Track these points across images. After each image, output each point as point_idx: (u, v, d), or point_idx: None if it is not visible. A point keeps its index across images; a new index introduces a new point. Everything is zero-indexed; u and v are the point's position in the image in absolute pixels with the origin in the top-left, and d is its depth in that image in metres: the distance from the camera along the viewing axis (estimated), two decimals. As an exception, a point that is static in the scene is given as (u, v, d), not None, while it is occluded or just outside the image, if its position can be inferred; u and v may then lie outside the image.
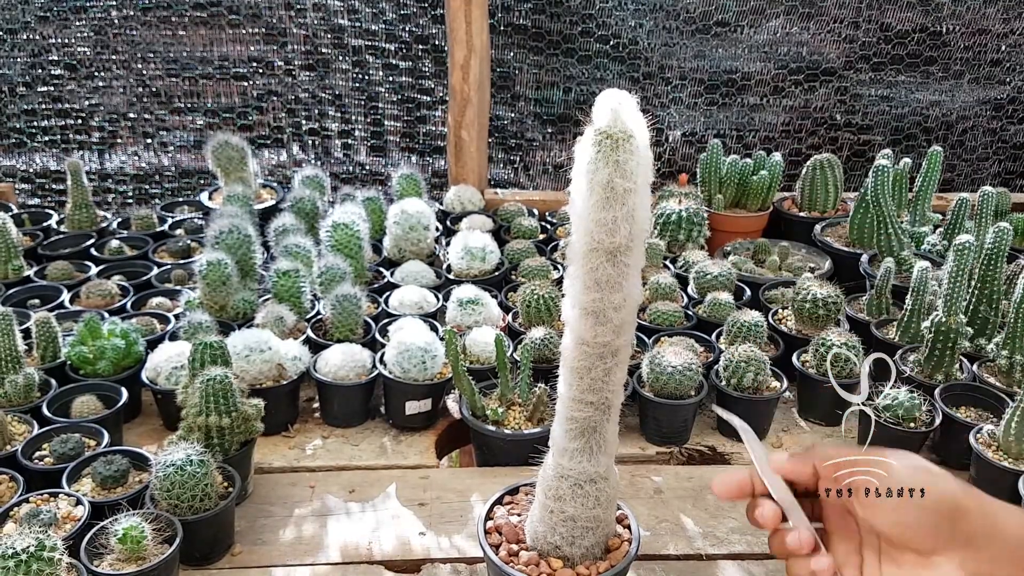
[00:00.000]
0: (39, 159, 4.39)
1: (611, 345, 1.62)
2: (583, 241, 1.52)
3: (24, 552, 1.74)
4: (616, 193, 1.45)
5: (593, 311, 1.57)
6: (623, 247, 1.50)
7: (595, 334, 1.59)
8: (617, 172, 1.44)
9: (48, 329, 2.67)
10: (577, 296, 1.59)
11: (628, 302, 1.58)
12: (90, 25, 4.22)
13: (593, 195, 1.46)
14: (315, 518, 2.29)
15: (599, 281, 1.53)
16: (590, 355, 1.63)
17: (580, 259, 1.55)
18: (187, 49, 4.33)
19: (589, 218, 1.48)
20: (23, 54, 4.23)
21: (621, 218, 1.46)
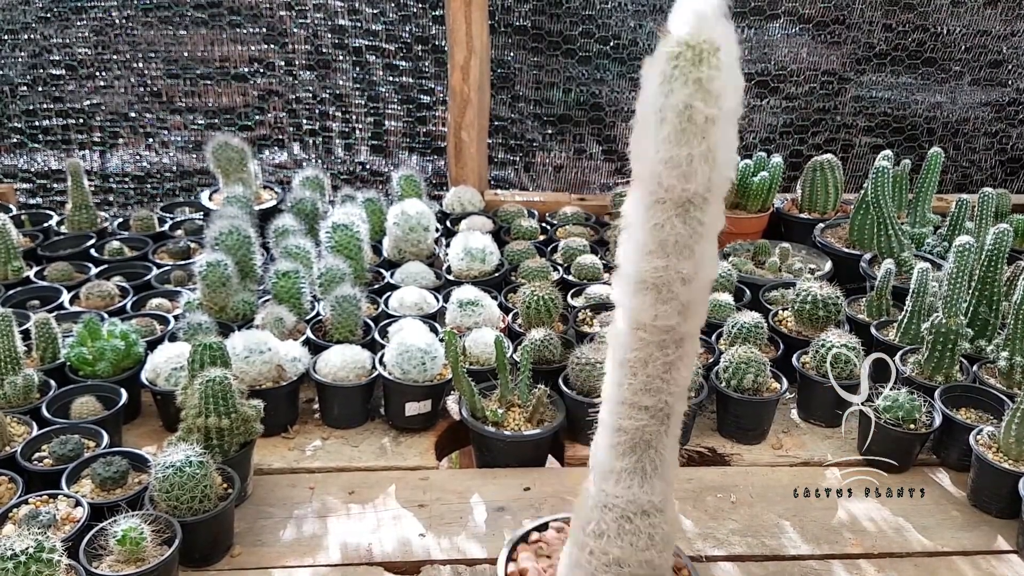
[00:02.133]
0: (40, 159, 4.39)
1: (675, 331, 1.27)
2: (647, 189, 1.18)
3: (23, 553, 1.74)
4: (695, 123, 1.12)
5: (655, 283, 1.22)
6: (699, 198, 1.17)
7: (655, 314, 1.24)
8: (699, 94, 1.11)
9: (48, 330, 2.67)
10: (634, 264, 1.23)
11: (701, 275, 1.24)
12: (91, 25, 4.22)
13: (665, 125, 1.13)
14: (315, 519, 2.29)
15: (665, 243, 1.19)
16: (648, 343, 1.27)
17: (641, 214, 1.20)
18: (188, 49, 4.33)
19: (657, 157, 1.14)
20: (24, 54, 4.23)
21: (699, 157, 1.13)
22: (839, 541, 2.25)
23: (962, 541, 2.27)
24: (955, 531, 2.30)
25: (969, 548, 2.25)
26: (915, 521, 2.32)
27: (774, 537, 2.25)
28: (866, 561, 2.20)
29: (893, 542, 2.25)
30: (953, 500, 2.41)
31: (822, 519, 2.32)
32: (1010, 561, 2.21)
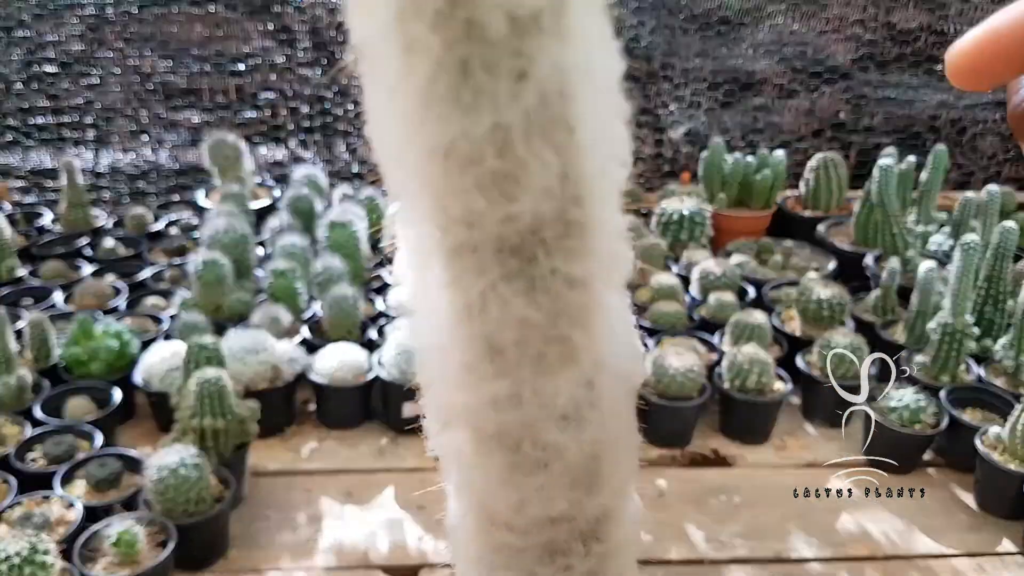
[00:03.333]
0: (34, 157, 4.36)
1: (569, 521, 0.47)
2: (424, 223, 0.39)
3: (17, 556, 1.72)
4: (486, 41, 0.31)
5: (495, 435, 0.43)
6: (553, 225, 0.37)
7: (519, 500, 0.45)
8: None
9: (41, 330, 2.64)
10: (441, 396, 0.48)
11: (601, 383, 0.43)
12: (85, 21, 4.19)
13: (415, 68, 0.33)
14: (311, 521, 2.27)
15: (496, 347, 0.39)
16: (516, 554, 0.49)
17: (424, 279, 0.43)
18: (184, 44, 4.30)
19: (417, 145, 0.35)
20: (18, 51, 4.20)
21: (519, 129, 0.33)
22: (844, 544, 2.23)
23: (968, 543, 2.25)
24: (961, 533, 2.28)
25: (975, 550, 2.23)
26: (920, 523, 2.30)
27: (778, 540, 2.23)
28: (871, 564, 2.18)
29: (898, 545, 2.23)
30: (959, 502, 2.39)
31: (827, 521, 2.30)
32: (1017, 562, 2.19)
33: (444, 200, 0.35)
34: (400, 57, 0.33)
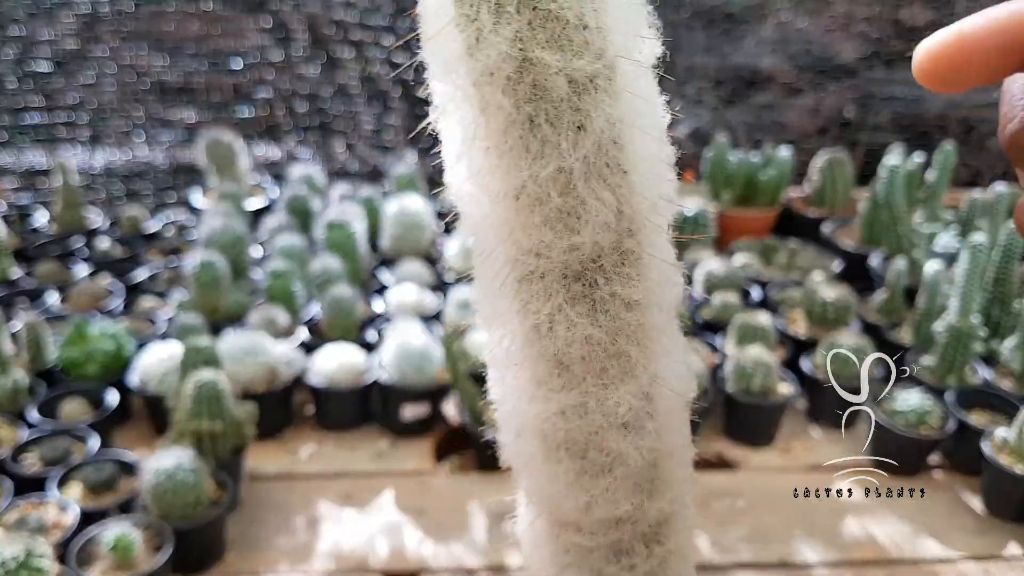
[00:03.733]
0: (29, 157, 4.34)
1: (633, 523, 0.55)
2: (495, 252, 0.47)
3: (13, 560, 1.71)
4: (549, 98, 0.40)
5: (563, 442, 0.50)
6: (609, 254, 0.44)
7: (587, 501, 0.52)
8: (542, 28, 0.39)
9: (36, 332, 2.62)
10: (516, 402, 0.51)
11: (658, 395, 0.50)
12: (80, 19, 4.17)
13: (486, 117, 0.41)
14: (309, 525, 2.25)
15: (562, 361, 0.46)
16: (585, 554, 0.56)
17: (497, 302, 0.49)
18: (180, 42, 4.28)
19: (489, 187, 0.44)
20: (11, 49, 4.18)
21: (579, 172, 0.41)
22: (849, 548, 2.21)
23: (974, 546, 2.23)
24: (967, 536, 2.26)
25: (981, 553, 2.21)
26: (926, 526, 2.28)
27: (783, 544, 2.21)
28: (876, 568, 2.16)
29: (904, 548, 2.21)
30: (965, 505, 2.37)
31: (832, 525, 2.28)
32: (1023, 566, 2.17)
33: (516, 235, 0.43)
34: (477, 115, 0.41)
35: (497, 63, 0.39)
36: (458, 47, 0.40)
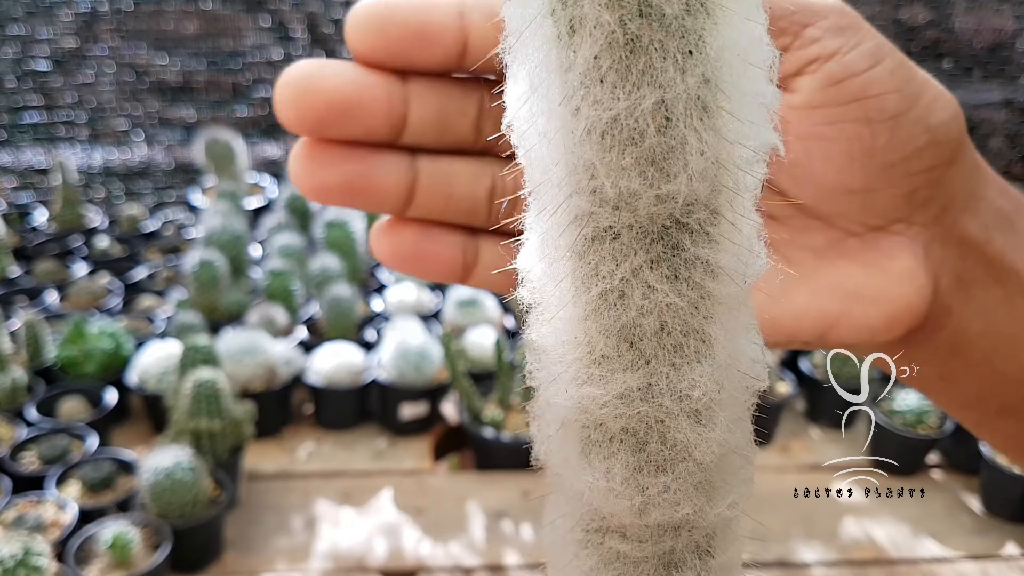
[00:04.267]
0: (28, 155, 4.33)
1: (691, 528, 0.45)
2: (564, 206, 0.37)
3: (12, 558, 1.71)
4: (659, 18, 0.33)
5: (622, 432, 0.40)
6: (698, 209, 0.36)
7: (643, 502, 0.42)
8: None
9: (35, 330, 2.62)
10: (567, 390, 0.40)
11: (730, 381, 0.41)
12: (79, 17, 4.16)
13: (578, 40, 0.33)
14: (308, 525, 2.25)
15: (632, 334, 0.37)
16: (631, 568, 0.45)
17: (561, 267, 0.39)
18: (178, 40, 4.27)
19: (572, 125, 0.34)
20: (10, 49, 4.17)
21: (683, 110, 0.34)
22: (848, 547, 2.21)
23: (973, 546, 2.23)
24: (966, 536, 2.26)
25: (980, 553, 2.21)
26: (925, 526, 2.28)
27: (782, 544, 2.21)
28: (875, 568, 2.16)
29: (903, 548, 2.21)
30: (963, 505, 2.37)
31: (831, 525, 2.28)
32: (1022, 566, 2.17)
33: (598, 181, 0.35)
34: (565, 35, 0.34)
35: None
36: None
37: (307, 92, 0.43)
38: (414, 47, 0.44)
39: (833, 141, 0.50)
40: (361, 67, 0.45)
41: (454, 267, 0.51)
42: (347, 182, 0.46)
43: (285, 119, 0.44)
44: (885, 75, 0.49)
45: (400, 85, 0.45)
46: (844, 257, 0.54)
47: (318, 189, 0.46)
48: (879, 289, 0.53)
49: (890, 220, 0.53)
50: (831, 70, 0.49)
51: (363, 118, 0.45)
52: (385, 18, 0.43)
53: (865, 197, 0.52)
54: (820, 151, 0.51)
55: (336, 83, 0.44)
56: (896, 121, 0.50)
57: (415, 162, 0.48)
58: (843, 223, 0.54)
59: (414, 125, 0.46)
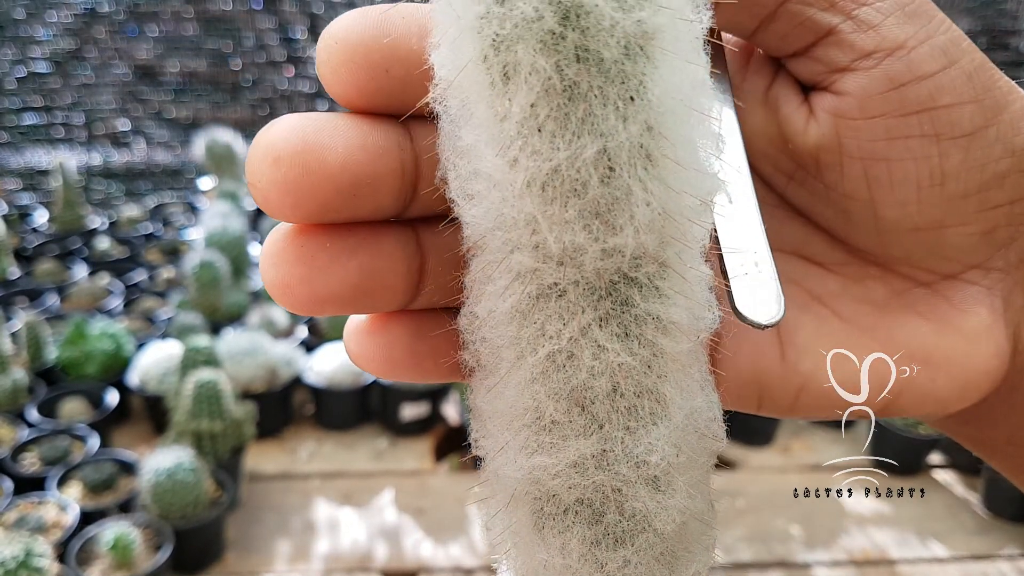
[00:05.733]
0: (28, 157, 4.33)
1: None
2: (510, 266, 0.35)
3: (13, 559, 1.70)
4: (598, 63, 0.31)
5: (576, 503, 0.37)
6: (646, 262, 0.34)
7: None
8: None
9: (36, 331, 2.61)
10: (508, 460, 0.38)
11: (687, 442, 0.38)
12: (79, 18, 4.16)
13: (515, 93, 0.31)
14: (308, 525, 2.25)
15: (582, 399, 0.35)
16: None
17: (505, 323, 0.36)
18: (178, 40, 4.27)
19: (511, 176, 0.32)
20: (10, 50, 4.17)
21: (627, 158, 0.32)
22: (848, 547, 2.21)
23: (973, 546, 2.23)
24: (967, 536, 2.26)
25: (981, 553, 2.21)
26: (926, 526, 2.28)
27: (783, 543, 2.21)
28: (876, 568, 2.15)
29: (903, 547, 2.21)
30: (964, 504, 2.37)
31: (831, 524, 2.28)
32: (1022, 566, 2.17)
33: (540, 236, 0.33)
34: (498, 83, 0.31)
35: (538, 11, 0.30)
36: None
37: (308, 173, 0.33)
38: (420, 86, 0.34)
39: (894, 162, 0.40)
40: (363, 123, 0.35)
41: (459, 364, 0.39)
42: (355, 286, 0.36)
43: (276, 207, 0.33)
44: (960, 81, 0.39)
45: (408, 140, 0.36)
46: (909, 312, 0.43)
47: (318, 302, 0.35)
48: (950, 351, 0.43)
49: (964, 265, 0.43)
50: (893, 69, 0.38)
51: (375, 196, 0.35)
52: (387, 55, 0.34)
53: (934, 236, 0.41)
54: (878, 176, 0.40)
55: (344, 157, 0.34)
56: (972, 139, 0.39)
57: (420, 239, 0.38)
58: (907, 270, 0.43)
59: (425, 192, 0.36)
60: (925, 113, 0.38)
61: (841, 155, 0.40)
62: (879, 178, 0.40)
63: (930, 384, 0.43)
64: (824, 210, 0.43)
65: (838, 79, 0.39)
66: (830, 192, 0.41)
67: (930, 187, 0.40)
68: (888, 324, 0.43)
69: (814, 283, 0.42)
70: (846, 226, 0.43)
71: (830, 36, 0.39)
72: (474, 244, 0.35)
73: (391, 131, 0.35)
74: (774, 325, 0.39)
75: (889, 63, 0.38)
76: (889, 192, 0.40)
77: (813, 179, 0.42)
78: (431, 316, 0.40)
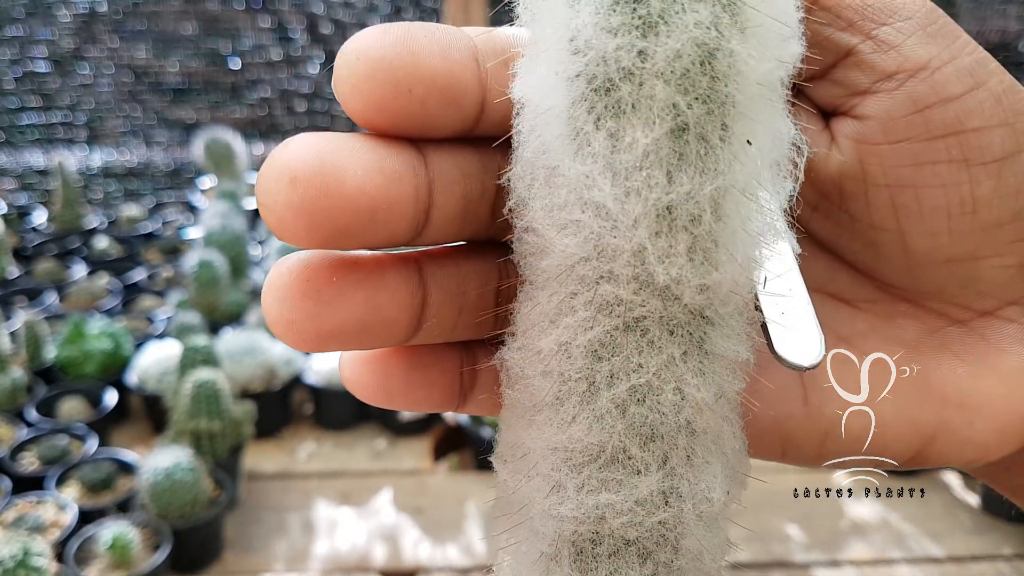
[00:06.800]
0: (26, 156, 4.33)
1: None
2: (598, 298, 0.33)
3: (11, 559, 1.70)
4: (719, 101, 0.31)
5: (632, 542, 0.36)
6: (731, 301, 0.34)
7: None
8: (726, 11, 0.31)
9: (35, 330, 2.61)
10: (561, 501, 0.36)
11: (730, 496, 0.39)
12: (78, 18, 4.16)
13: (640, 135, 0.31)
14: (307, 525, 2.24)
15: (654, 433, 0.35)
16: None
17: (572, 365, 0.34)
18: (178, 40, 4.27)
19: (623, 211, 0.31)
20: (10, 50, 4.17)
21: (735, 197, 0.32)
22: (847, 547, 2.21)
23: (972, 546, 2.23)
24: (966, 536, 2.26)
25: (979, 553, 2.20)
26: (924, 526, 2.28)
27: (783, 543, 2.21)
28: (876, 568, 2.15)
29: (903, 547, 2.21)
30: (963, 504, 2.37)
31: (830, 524, 2.28)
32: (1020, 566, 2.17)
33: (642, 268, 0.32)
34: (624, 115, 0.31)
35: (678, 52, 0.30)
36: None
37: (326, 195, 0.31)
38: (440, 108, 0.33)
39: (922, 189, 0.38)
40: (379, 145, 0.33)
41: (451, 395, 0.41)
42: (360, 320, 0.35)
43: (291, 230, 0.32)
44: (989, 103, 0.37)
45: (423, 166, 0.34)
46: (943, 352, 0.41)
47: (322, 338, 0.34)
48: (988, 394, 0.40)
49: (1001, 301, 0.41)
50: (917, 91, 0.37)
51: (389, 222, 0.33)
52: (410, 73, 0.32)
53: (967, 269, 0.39)
54: (906, 204, 0.38)
55: (363, 179, 0.32)
56: (1003, 165, 0.37)
57: (423, 271, 0.37)
58: (940, 306, 0.41)
59: (437, 219, 0.35)
60: (952, 137, 0.37)
61: (866, 183, 0.39)
62: (907, 206, 0.38)
63: (967, 429, 0.41)
64: (850, 243, 0.41)
65: (859, 103, 0.38)
66: (856, 223, 0.40)
67: (961, 215, 0.38)
68: (921, 367, 0.41)
69: (841, 322, 0.41)
70: (874, 259, 0.41)
71: (850, 57, 0.38)
72: (549, 277, 0.34)
73: (406, 155, 0.34)
74: (815, 367, 0.38)
75: (912, 84, 0.37)
76: (918, 221, 0.38)
77: (837, 210, 0.40)
78: (426, 348, 0.40)
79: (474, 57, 0.34)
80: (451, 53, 0.33)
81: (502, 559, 0.39)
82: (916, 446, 0.42)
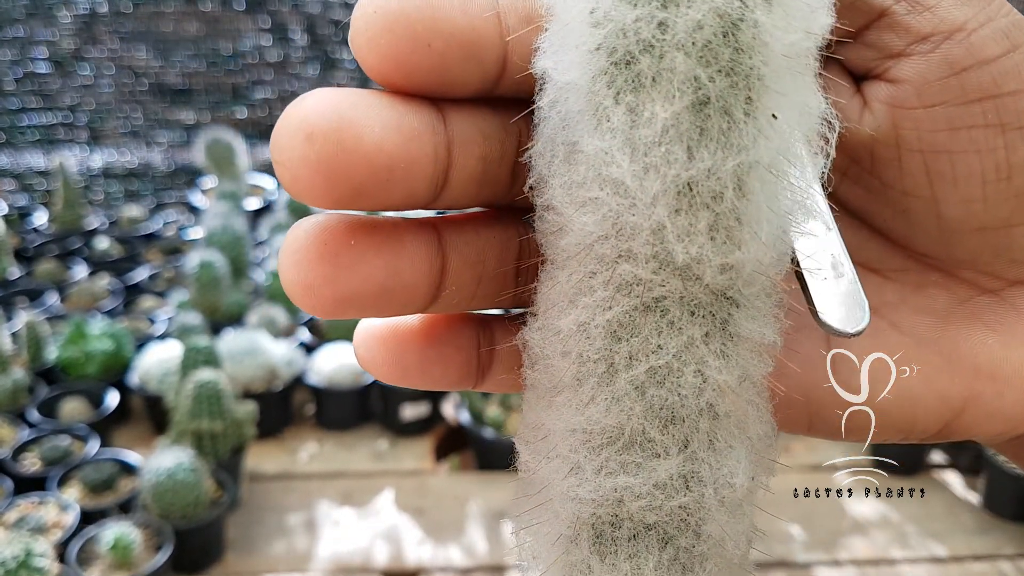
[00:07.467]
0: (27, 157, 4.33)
1: None
2: (616, 277, 0.33)
3: (13, 559, 1.71)
4: (759, 78, 0.31)
5: (652, 527, 0.35)
6: (756, 281, 0.34)
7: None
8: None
9: (36, 331, 2.61)
10: (579, 483, 0.35)
11: (754, 481, 0.38)
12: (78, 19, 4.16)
13: (662, 108, 0.30)
14: (309, 525, 2.25)
15: (674, 415, 0.34)
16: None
17: (592, 346, 0.34)
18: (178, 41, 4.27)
19: (644, 189, 0.31)
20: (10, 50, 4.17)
21: (759, 174, 0.31)
22: (849, 547, 2.21)
23: (973, 545, 2.23)
24: (967, 536, 2.26)
25: (981, 553, 2.21)
26: (926, 526, 2.28)
27: (783, 543, 2.21)
28: (876, 568, 2.15)
29: (904, 547, 2.21)
30: (965, 504, 2.37)
31: (832, 524, 2.28)
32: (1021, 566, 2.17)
33: (662, 246, 0.32)
34: (643, 89, 0.30)
35: (699, 22, 0.30)
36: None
37: (344, 151, 0.30)
38: (459, 64, 0.32)
39: (956, 155, 0.37)
40: (397, 102, 0.32)
41: (467, 373, 0.40)
42: (380, 285, 0.34)
43: (306, 187, 0.31)
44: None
45: (442, 124, 0.33)
46: (974, 322, 0.40)
47: (341, 303, 0.33)
48: (1019, 364, 0.40)
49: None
50: (952, 53, 0.36)
51: (408, 181, 0.32)
52: (429, 26, 0.31)
53: (1001, 237, 0.39)
54: (940, 170, 0.37)
55: (380, 136, 0.31)
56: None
57: (442, 237, 0.36)
58: (972, 275, 0.41)
59: (456, 181, 0.34)
60: (989, 101, 0.36)
61: (899, 148, 0.38)
62: (941, 173, 0.37)
63: (998, 400, 0.40)
64: (881, 210, 0.40)
65: (893, 66, 0.37)
66: (888, 190, 0.39)
67: (996, 181, 0.37)
68: (951, 336, 0.40)
69: (870, 292, 0.39)
70: (905, 227, 0.40)
71: (883, 18, 0.37)
72: (569, 256, 0.34)
73: (425, 113, 0.33)
74: (860, 333, 0.37)
75: (948, 46, 0.36)
76: (952, 188, 0.37)
77: (868, 175, 0.40)
78: (442, 324, 0.39)
79: (496, 13, 0.32)
80: (472, 7, 0.32)
81: (523, 539, 0.38)
82: (946, 418, 0.41)
